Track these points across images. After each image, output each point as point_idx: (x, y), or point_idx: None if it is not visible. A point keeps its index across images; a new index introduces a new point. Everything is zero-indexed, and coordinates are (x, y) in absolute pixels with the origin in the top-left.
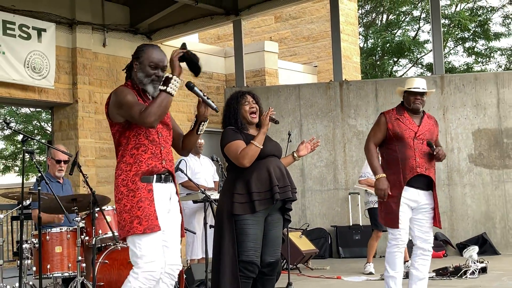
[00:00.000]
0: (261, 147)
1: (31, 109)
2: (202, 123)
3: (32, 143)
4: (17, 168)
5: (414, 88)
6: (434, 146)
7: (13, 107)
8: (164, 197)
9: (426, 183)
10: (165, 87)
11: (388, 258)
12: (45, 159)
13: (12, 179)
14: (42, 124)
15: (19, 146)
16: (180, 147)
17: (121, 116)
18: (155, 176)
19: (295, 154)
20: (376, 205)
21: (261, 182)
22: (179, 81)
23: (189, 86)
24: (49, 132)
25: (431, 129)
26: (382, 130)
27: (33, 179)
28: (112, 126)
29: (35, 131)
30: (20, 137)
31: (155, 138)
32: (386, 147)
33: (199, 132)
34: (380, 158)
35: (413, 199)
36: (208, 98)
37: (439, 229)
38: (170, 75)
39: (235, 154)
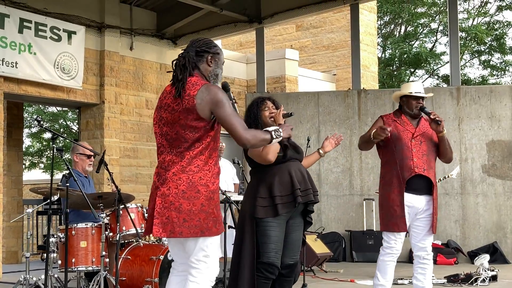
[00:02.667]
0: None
1: (58, 108)
2: None
3: (57, 140)
4: (42, 165)
5: (416, 92)
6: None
7: (40, 106)
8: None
9: (425, 186)
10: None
11: (380, 265)
12: (69, 157)
13: (37, 175)
14: (68, 123)
15: (45, 143)
16: None
17: (210, 116)
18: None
19: (320, 151)
20: None
21: (283, 186)
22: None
23: (226, 88)
24: (74, 130)
25: (429, 130)
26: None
27: (57, 175)
28: (198, 120)
29: (61, 130)
30: (47, 135)
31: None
32: (385, 149)
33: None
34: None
35: (410, 205)
36: (235, 102)
37: (450, 237)
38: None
39: (258, 153)
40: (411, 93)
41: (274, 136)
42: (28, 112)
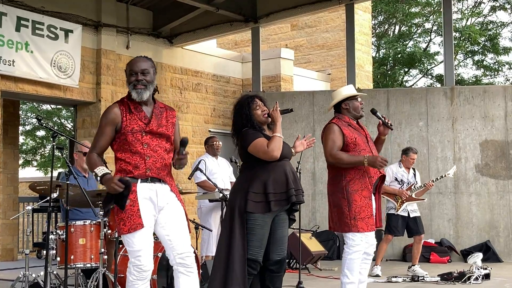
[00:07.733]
0: (283, 137)
1: (52, 106)
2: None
3: (50, 138)
4: (35, 163)
5: (357, 94)
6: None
7: (35, 104)
8: (150, 193)
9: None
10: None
11: (349, 264)
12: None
13: (31, 172)
14: (62, 121)
15: (39, 141)
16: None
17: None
18: (139, 179)
19: (292, 150)
20: (393, 212)
21: (278, 184)
22: None
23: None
24: (68, 128)
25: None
26: (339, 137)
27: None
28: None
29: (55, 128)
30: (41, 133)
31: (138, 149)
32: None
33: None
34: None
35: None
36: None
37: (443, 236)
38: None
39: (263, 149)
40: (356, 95)
41: (98, 174)
42: (22, 109)
